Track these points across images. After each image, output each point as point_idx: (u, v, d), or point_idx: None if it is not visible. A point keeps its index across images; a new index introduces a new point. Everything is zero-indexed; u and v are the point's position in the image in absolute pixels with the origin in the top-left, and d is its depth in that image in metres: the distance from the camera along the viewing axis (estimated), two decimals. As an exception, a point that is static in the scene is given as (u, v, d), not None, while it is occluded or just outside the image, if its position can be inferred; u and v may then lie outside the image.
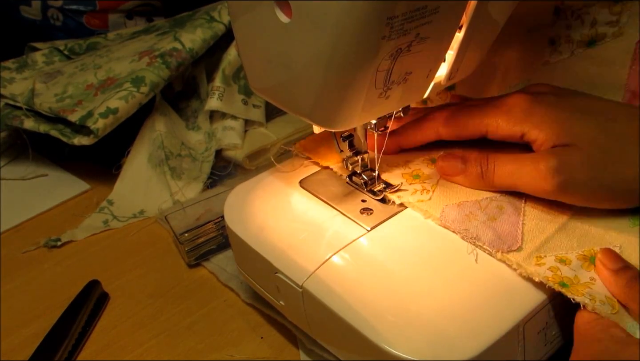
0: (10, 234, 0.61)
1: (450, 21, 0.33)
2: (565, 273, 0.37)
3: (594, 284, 0.36)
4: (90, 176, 0.68)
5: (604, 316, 0.34)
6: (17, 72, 0.73)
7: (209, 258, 0.55)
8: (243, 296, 0.50)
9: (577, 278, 0.37)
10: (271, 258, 0.40)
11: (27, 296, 0.53)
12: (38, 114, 0.66)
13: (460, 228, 0.39)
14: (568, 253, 0.38)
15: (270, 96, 0.39)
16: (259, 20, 0.34)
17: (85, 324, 0.48)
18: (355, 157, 0.44)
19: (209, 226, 0.54)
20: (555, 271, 0.37)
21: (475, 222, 0.40)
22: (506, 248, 0.38)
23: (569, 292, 0.35)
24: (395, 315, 0.35)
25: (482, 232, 0.39)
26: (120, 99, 0.62)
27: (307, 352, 0.44)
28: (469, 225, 0.39)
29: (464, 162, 0.42)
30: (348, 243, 0.39)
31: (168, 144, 0.65)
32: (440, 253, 0.38)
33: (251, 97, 0.71)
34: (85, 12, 0.87)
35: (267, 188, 0.46)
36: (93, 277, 0.52)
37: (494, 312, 0.34)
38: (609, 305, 0.35)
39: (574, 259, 0.38)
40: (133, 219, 0.62)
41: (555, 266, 0.37)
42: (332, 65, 0.31)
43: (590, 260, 0.38)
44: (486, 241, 0.38)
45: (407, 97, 0.37)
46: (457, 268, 0.37)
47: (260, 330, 0.47)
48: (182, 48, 0.67)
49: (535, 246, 0.39)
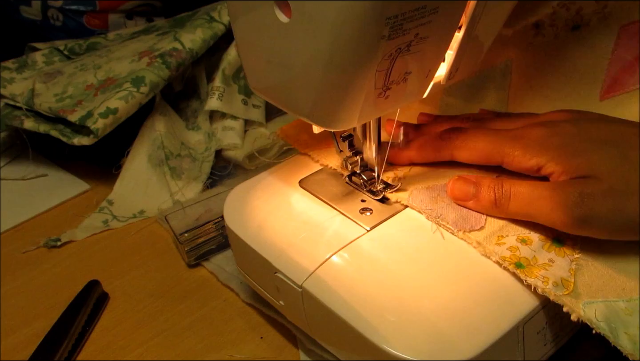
0: (10, 234, 0.62)
1: (449, 21, 0.33)
2: (523, 254, 0.37)
3: (551, 266, 0.36)
4: (90, 176, 0.68)
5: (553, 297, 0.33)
6: (17, 72, 0.73)
7: (209, 258, 0.55)
8: (243, 296, 0.50)
9: (536, 259, 0.37)
10: (271, 258, 0.40)
11: (27, 296, 0.53)
12: (38, 114, 0.66)
13: (425, 208, 0.40)
14: (531, 233, 0.38)
15: (270, 96, 0.39)
16: (259, 20, 0.34)
17: (85, 324, 0.48)
18: (355, 157, 0.44)
19: (208, 226, 0.54)
20: (514, 252, 0.37)
21: (441, 203, 0.40)
22: (468, 227, 0.38)
23: (523, 273, 0.35)
24: (394, 314, 0.35)
25: (447, 212, 0.39)
26: (120, 99, 0.62)
27: (307, 352, 0.44)
28: (435, 206, 0.40)
29: (476, 187, 0.40)
30: (347, 243, 0.39)
31: (168, 144, 0.65)
32: (440, 253, 0.38)
33: (251, 97, 0.71)
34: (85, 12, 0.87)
35: (267, 188, 0.46)
36: (93, 277, 0.52)
37: (494, 312, 0.34)
38: (562, 286, 0.35)
39: (535, 240, 0.38)
40: (133, 219, 0.62)
41: (515, 246, 0.37)
42: (332, 65, 0.31)
43: (552, 241, 0.38)
44: (450, 220, 0.39)
45: (407, 97, 0.37)
46: (456, 268, 0.37)
47: (260, 330, 0.47)
48: (182, 48, 0.67)
49: (498, 226, 0.39)
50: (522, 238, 0.38)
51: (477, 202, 0.39)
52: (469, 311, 0.34)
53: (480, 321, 0.34)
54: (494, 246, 0.37)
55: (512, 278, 0.36)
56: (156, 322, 0.49)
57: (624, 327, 0.33)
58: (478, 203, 0.39)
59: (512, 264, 0.36)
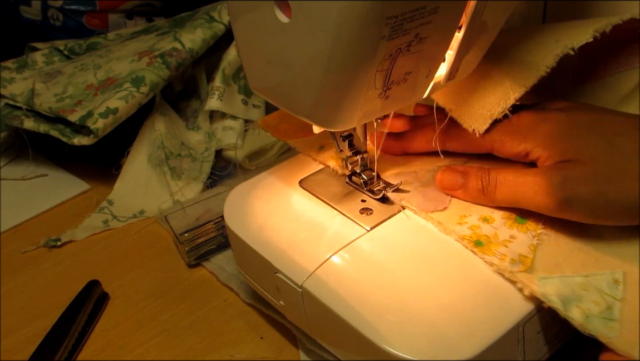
0: (10, 234, 0.62)
1: (449, 21, 0.33)
2: (484, 232, 0.37)
3: (511, 242, 0.37)
4: (90, 176, 0.68)
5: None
6: (17, 72, 0.73)
7: (209, 258, 0.55)
8: (243, 296, 0.50)
9: (496, 236, 0.37)
10: (271, 258, 0.40)
11: (27, 296, 0.53)
12: (38, 114, 0.66)
13: (391, 191, 0.41)
14: (494, 212, 0.39)
15: (270, 96, 0.39)
16: (259, 20, 0.34)
17: (85, 324, 0.48)
18: (355, 157, 0.44)
19: (208, 226, 0.54)
20: (474, 230, 0.37)
21: (408, 187, 0.41)
22: (432, 208, 0.39)
23: (480, 252, 0.36)
24: (395, 314, 0.35)
25: (412, 195, 0.40)
26: (120, 99, 0.62)
27: (307, 352, 0.44)
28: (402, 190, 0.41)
29: (464, 176, 0.40)
30: (348, 243, 0.39)
31: (168, 144, 0.65)
32: (440, 253, 0.38)
33: (251, 97, 0.71)
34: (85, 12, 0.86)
35: (267, 188, 0.46)
36: (93, 277, 0.52)
37: (494, 312, 0.34)
38: (519, 262, 0.35)
39: (497, 218, 0.38)
40: (133, 219, 0.62)
41: (476, 225, 0.38)
42: (332, 65, 0.31)
43: (515, 219, 0.38)
44: (414, 202, 0.40)
45: (407, 97, 0.37)
46: (456, 267, 0.37)
47: (260, 330, 0.47)
48: (182, 48, 0.67)
49: (462, 207, 0.39)
50: (485, 217, 0.38)
51: (465, 191, 0.40)
52: (469, 311, 0.34)
53: (480, 320, 0.34)
54: (454, 226, 0.38)
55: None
56: (156, 322, 0.49)
57: (577, 301, 0.34)
58: (466, 192, 0.40)
59: (471, 243, 0.37)
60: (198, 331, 0.48)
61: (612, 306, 0.34)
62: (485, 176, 0.39)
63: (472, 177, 0.40)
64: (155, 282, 0.53)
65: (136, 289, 0.53)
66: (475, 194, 0.40)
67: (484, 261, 0.36)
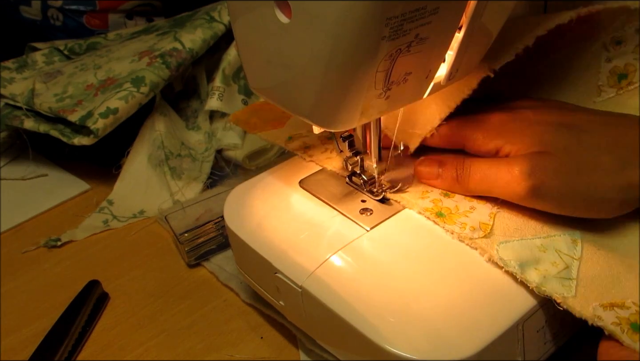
0: (10, 234, 0.62)
1: (449, 22, 0.33)
2: (445, 204, 0.39)
3: (472, 212, 0.39)
4: (90, 176, 0.68)
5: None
6: (17, 72, 0.73)
7: (209, 258, 0.55)
8: (243, 296, 0.50)
9: (457, 208, 0.39)
10: (271, 258, 0.40)
11: (27, 296, 0.53)
12: (38, 114, 0.66)
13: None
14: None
15: (270, 96, 0.39)
16: (259, 20, 0.34)
17: (85, 324, 0.48)
18: (355, 157, 0.44)
19: (208, 226, 0.54)
20: (436, 203, 0.39)
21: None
22: (397, 188, 0.41)
23: (442, 221, 0.38)
24: (394, 314, 0.35)
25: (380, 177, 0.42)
26: (120, 99, 0.62)
27: (307, 352, 0.44)
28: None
29: (441, 165, 0.42)
30: (348, 243, 0.39)
31: (168, 144, 0.65)
32: (440, 253, 0.38)
33: (251, 97, 0.71)
34: (85, 12, 0.87)
35: (267, 188, 0.46)
36: (93, 277, 0.52)
37: (493, 311, 0.34)
38: (479, 229, 0.37)
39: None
40: (133, 219, 0.62)
41: (438, 198, 0.40)
42: (332, 65, 0.31)
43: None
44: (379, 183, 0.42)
45: (407, 98, 0.38)
46: (456, 267, 0.37)
47: (260, 330, 0.47)
48: (182, 48, 0.67)
49: (424, 186, 0.42)
50: (446, 193, 0.41)
51: (442, 180, 0.42)
52: (469, 310, 0.34)
53: (479, 319, 0.34)
54: (417, 200, 0.40)
55: (512, 276, 0.36)
56: (156, 322, 0.49)
57: (535, 263, 0.35)
58: (443, 181, 0.42)
59: (433, 214, 0.38)
60: (198, 331, 0.48)
61: (570, 265, 0.35)
62: (460, 165, 0.41)
63: (448, 167, 0.41)
64: (155, 282, 0.53)
65: (136, 289, 0.53)
66: (451, 183, 0.41)
67: (445, 230, 0.38)
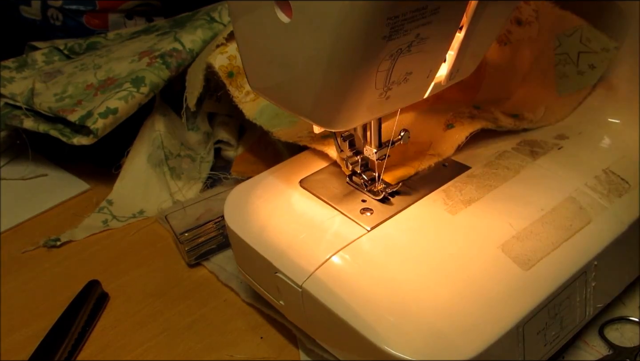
0: (10, 234, 0.62)
1: (450, 22, 0.33)
2: (237, 63, 0.42)
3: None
4: (90, 176, 0.68)
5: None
6: (17, 71, 0.73)
7: (209, 257, 0.55)
8: (243, 296, 0.50)
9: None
10: (271, 258, 0.40)
11: (27, 296, 0.53)
12: (38, 113, 0.66)
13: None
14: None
15: (271, 96, 0.39)
16: (260, 20, 0.34)
17: (85, 324, 0.48)
18: (355, 157, 0.44)
19: (209, 226, 0.54)
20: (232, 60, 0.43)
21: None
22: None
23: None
24: (394, 315, 0.35)
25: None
26: (120, 99, 0.62)
27: (307, 352, 0.44)
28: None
29: None
30: (348, 243, 0.39)
31: (168, 144, 0.65)
32: (440, 254, 0.38)
33: (251, 97, 0.71)
34: (85, 12, 0.86)
35: (268, 188, 0.46)
36: (93, 277, 0.52)
37: (493, 312, 0.34)
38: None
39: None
40: (133, 219, 0.62)
41: (234, 55, 0.43)
42: (333, 65, 0.31)
43: None
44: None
45: (408, 98, 0.37)
46: (456, 268, 0.37)
47: (260, 330, 0.47)
48: (182, 48, 0.66)
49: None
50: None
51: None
52: (469, 311, 0.34)
53: (480, 321, 0.34)
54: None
55: (513, 277, 0.36)
56: (156, 322, 0.49)
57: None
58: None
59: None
60: (198, 331, 0.48)
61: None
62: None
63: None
64: (155, 282, 0.53)
65: (136, 289, 0.53)
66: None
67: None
